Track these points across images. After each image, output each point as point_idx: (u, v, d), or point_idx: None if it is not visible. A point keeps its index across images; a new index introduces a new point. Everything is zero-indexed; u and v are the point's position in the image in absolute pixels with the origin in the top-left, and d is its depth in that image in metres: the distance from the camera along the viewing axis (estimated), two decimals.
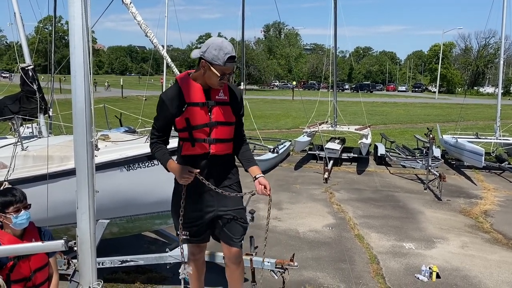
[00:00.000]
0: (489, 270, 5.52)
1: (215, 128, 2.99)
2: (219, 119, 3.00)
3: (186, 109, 2.95)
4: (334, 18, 14.66)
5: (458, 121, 16.44)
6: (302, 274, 5.24)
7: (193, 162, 3.03)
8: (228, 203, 3.14)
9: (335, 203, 8.54)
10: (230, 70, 2.93)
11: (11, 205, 2.89)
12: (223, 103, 3.03)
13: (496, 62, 67.54)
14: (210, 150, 3.01)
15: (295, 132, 17.69)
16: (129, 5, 4.40)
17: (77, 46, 2.21)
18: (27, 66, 6.11)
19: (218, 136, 3.01)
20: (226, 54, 2.86)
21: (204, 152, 3.02)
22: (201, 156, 3.03)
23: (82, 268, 2.41)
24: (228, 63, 2.89)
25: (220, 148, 3.05)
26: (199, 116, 2.96)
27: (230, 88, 3.12)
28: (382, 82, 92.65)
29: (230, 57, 2.89)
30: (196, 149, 3.01)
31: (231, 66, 2.91)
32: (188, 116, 2.95)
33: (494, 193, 9.66)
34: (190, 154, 3.04)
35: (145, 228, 5.36)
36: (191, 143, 3.00)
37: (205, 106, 2.98)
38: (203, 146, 3.00)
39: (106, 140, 5.07)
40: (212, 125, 2.99)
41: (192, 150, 3.02)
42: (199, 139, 2.99)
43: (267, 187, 3.04)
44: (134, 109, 16.03)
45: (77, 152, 2.29)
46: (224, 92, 3.05)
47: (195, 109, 2.96)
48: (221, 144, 3.04)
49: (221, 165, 3.13)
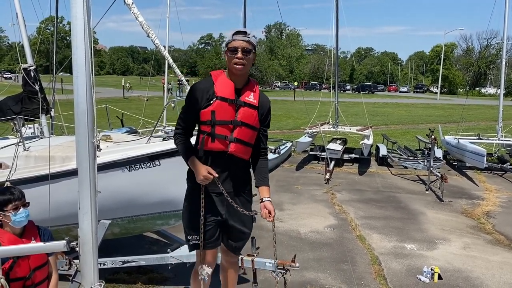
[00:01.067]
0: (491, 271, 5.51)
1: (238, 128, 2.96)
2: (245, 120, 2.97)
3: (215, 102, 2.92)
4: (336, 19, 14.68)
5: (460, 122, 16.42)
6: (304, 275, 5.23)
7: (210, 158, 3.00)
8: (238, 211, 3.11)
9: (337, 204, 8.53)
10: (240, 45, 2.89)
11: (10, 203, 2.92)
12: (252, 105, 3.00)
13: (498, 63, 67.36)
14: (229, 148, 2.97)
15: (297, 133, 17.70)
16: (131, 6, 4.41)
17: (79, 47, 2.21)
18: (29, 67, 6.12)
19: (239, 137, 2.97)
20: (233, 30, 2.91)
21: (222, 149, 2.97)
22: (219, 153, 2.99)
23: (83, 269, 2.41)
24: (235, 36, 2.89)
25: (239, 149, 3.01)
26: (225, 112, 2.93)
27: (262, 95, 3.10)
28: (383, 83, 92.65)
29: (237, 31, 2.89)
30: (216, 144, 2.96)
31: (240, 40, 2.89)
32: (214, 109, 2.91)
33: (496, 194, 9.64)
34: (208, 150, 2.99)
35: (147, 229, 5.36)
36: (211, 138, 2.95)
37: (233, 103, 2.95)
38: (223, 143, 2.96)
39: (107, 140, 5.07)
40: (236, 124, 2.95)
41: (211, 145, 2.97)
42: (221, 135, 2.94)
43: (272, 214, 3.05)
44: (135, 110, 16.02)
45: (79, 153, 2.29)
46: (254, 96, 3.03)
47: (223, 104, 2.93)
48: (241, 145, 3.00)
49: (236, 167, 3.09)
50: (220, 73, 3.04)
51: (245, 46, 2.90)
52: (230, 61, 2.93)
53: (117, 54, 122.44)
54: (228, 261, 3.39)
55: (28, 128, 7.02)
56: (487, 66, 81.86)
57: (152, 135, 5.21)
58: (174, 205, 4.42)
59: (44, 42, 17.62)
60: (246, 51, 2.91)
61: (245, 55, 2.91)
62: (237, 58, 2.89)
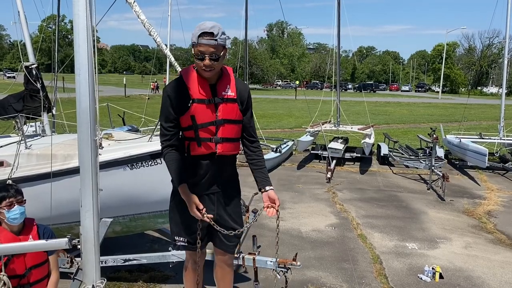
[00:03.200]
0: (492, 270, 5.50)
1: (221, 127, 2.82)
2: (226, 117, 2.83)
3: (192, 106, 2.76)
4: (338, 18, 14.69)
5: (462, 121, 16.43)
6: (305, 274, 5.23)
7: (199, 163, 2.89)
8: (228, 208, 3.05)
9: (338, 203, 8.53)
10: (207, 50, 2.58)
11: (4, 200, 2.93)
12: (230, 99, 2.84)
13: (500, 62, 67.27)
14: (216, 150, 2.86)
15: (298, 132, 17.68)
16: (133, 4, 4.41)
17: (82, 45, 2.21)
18: (31, 65, 6.13)
19: (225, 135, 2.85)
20: (200, 30, 2.57)
21: (210, 152, 2.86)
22: (207, 156, 2.87)
23: (85, 266, 2.41)
24: (201, 39, 2.57)
25: (227, 147, 2.90)
26: (205, 113, 2.78)
27: (238, 84, 2.92)
28: (385, 82, 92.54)
29: (203, 32, 2.56)
30: (202, 149, 2.84)
31: (207, 44, 2.57)
32: (193, 113, 2.76)
33: (497, 194, 9.62)
34: (196, 155, 2.87)
35: (148, 227, 5.37)
36: (197, 142, 2.82)
37: (211, 103, 2.79)
38: (209, 145, 2.84)
39: (109, 138, 5.07)
40: (219, 123, 2.82)
41: (198, 150, 2.84)
42: (205, 138, 2.82)
43: (276, 203, 2.90)
44: (137, 108, 16.04)
45: (81, 150, 2.29)
46: (231, 88, 2.85)
47: (201, 106, 2.77)
48: (228, 143, 2.89)
49: (227, 165, 2.99)
50: (191, 71, 2.82)
51: (212, 51, 2.60)
52: (197, 65, 2.71)
53: (119, 53, 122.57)
54: (223, 261, 3.26)
55: (30, 126, 7.03)
56: (489, 65, 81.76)
57: (154, 134, 5.21)
58: None
59: (46, 40, 17.65)
60: (214, 58, 2.64)
61: (213, 61, 2.65)
62: (204, 64, 2.65)
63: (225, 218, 3.04)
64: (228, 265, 3.29)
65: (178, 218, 3.03)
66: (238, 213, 3.16)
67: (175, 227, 3.08)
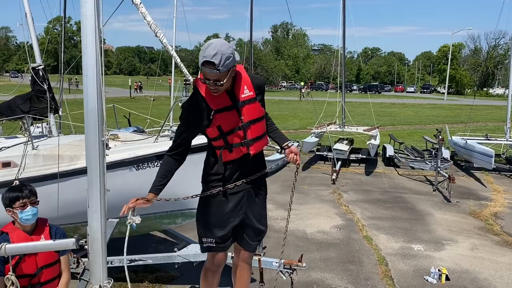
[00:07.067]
0: (499, 272, 5.47)
1: (249, 129, 2.85)
2: (251, 117, 2.85)
3: (215, 117, 2.77)
4: (343, 19, 14.65)
5: (468, 122, 16.33)
6: (310, 275, 5.22)
7: (233, 165, 2.93)
8: (255, 208, 3.11)
9: (343, 204, 8.51)
10: (211, 77, 2.62)
11: (17, 200, 2.95)
12: (251, 100, 2.84)
13: (506, 63, 66.88)
14: (250, 151, 2.89)
15: (303, 133, 17.66)
16: (139, 5, 4.42)
17: (89, 46, 2.22)
18: (38, 66, 6.16)
19: (254, 136, 2.88)
20: (203, 57, 2.60)
21: (243, 155, 2.90)
22: (242, 158, 2.91)
23: (92, 267, 2.43)
24: (204, 68, 2.61)
25: (259, 146, 2.95)
26: (230, 120, 2.80)
27: (253, 78, 2.91)
28: (390, 83, 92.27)
29: (205, 61, 2.58)
30: (234, 154, 2.88)
31: (209, 72, 2.61)
32: (219, 123, 2.78)
33: (504, 195, 9.56)
34: (231, 160, 2.91)
35: (154, 228, 5.37)
36: (228, 149, 2.86)
37: (233, 108, 2.80)
38: (241, 150, 2.88)
39: (115, 139, 5.09)
40: (245, 127, 2.83)
41: (231, 156, 2.88)
42: (236, 144, 2.85)
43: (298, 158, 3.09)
44: (142, 109, 16.08)
45: (88, 151, 2.30)
46: (248, 88, 2.84)
47: (224, 115, 2.78)
48: (258, 142, 2.93)
49: (258, 159, 3.04)
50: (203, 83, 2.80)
51: (216, 78, 2.63)
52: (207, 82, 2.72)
53: (124, 54, 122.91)
54: (243, 260, 3.31)
55: (37, 127, 7.06)
56: (495, 66, 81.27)
57: (160, 135, 5.22)
58: (181, 204, 4.42)
59: (52, 42, 17.75)
60: (218, 84, 2.67)
61: (217, 86, 2.68)
62: (210, 87, 2.70)
63: (250, 218, 3.11)
64: (247, 263, 3.34)
65: (205, 220, 3.07)
66: (264, 215, 3.23)
67: (203, 228, 3.10)
